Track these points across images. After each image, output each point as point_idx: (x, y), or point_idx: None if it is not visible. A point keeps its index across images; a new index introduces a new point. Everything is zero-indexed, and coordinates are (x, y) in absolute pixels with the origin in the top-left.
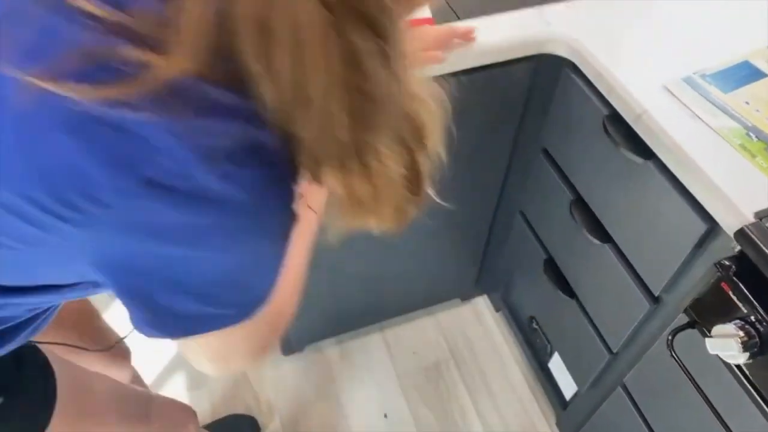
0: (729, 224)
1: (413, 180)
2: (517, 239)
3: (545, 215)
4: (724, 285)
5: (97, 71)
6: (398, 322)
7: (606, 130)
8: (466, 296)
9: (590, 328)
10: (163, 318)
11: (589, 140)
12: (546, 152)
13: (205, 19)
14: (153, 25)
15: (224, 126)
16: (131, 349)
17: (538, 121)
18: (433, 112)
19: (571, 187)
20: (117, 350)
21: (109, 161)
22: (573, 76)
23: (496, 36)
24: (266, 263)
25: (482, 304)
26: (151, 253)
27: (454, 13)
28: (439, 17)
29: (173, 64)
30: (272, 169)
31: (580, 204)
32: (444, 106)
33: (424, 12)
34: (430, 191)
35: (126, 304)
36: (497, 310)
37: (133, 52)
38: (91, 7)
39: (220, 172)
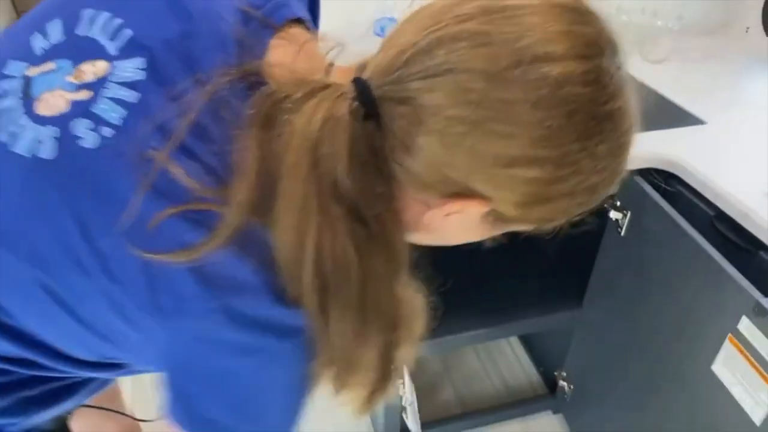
0: None
1: (384, 366)
2: None
3: None
4: None
5: (190, 233)
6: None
7: (714, 227)
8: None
9: None
10: (194, 418)
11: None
12: None
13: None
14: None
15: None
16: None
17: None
18: (415, 308)
19: None
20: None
21: (208, 285)
22: (678, 186)
23: None
24: (286, 400)
25: None
26: (206, 356)
27: None
28: None
29: (236, 211)
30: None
31: None
32: (424, 307)
33: None
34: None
35: (168, 396)
36: None
37: (213, 211)
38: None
39: (286, 310)
